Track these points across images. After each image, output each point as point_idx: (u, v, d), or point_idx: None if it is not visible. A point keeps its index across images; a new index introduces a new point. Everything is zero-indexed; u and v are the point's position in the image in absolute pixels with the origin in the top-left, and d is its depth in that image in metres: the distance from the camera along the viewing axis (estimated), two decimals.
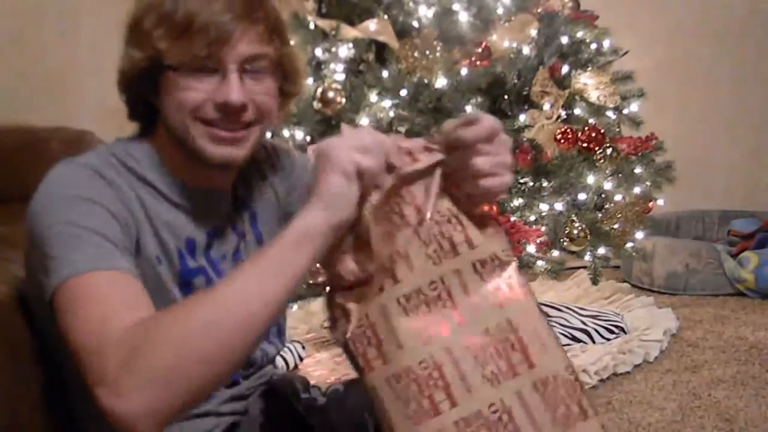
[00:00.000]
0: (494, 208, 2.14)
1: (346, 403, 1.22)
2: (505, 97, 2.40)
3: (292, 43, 1.03)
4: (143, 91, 0.98)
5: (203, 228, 1.05)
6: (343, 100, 2.10)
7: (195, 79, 0.93)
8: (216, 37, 0.91)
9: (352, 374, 0.87)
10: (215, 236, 1.07)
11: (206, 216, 1.05)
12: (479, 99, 2.22)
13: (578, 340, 2.59)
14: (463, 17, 2.32)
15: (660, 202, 2.63)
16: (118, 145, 1.03)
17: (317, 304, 2.61)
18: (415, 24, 2.28)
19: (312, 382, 1.27)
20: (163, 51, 0.92)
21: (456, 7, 2.32)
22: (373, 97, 2.14)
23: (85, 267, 0.85)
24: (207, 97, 0.94)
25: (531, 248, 2.15)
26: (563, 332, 2.62)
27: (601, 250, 2.42)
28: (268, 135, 2.23)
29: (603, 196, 2.44)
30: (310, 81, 2.21)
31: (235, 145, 0.97)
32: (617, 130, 2.61)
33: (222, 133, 0.95)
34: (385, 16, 2.27)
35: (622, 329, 2.70)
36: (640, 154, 2.50)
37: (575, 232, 2.26)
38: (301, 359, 2.49)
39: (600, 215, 2.43)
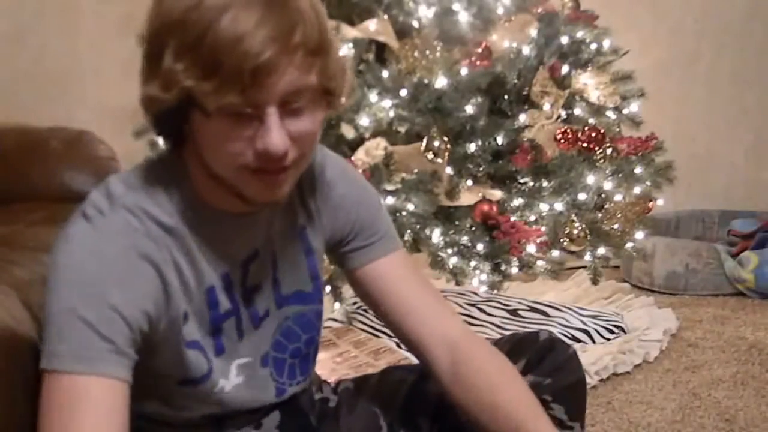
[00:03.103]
0: (494, 208, 2.14)
1: (357, 403, 1.22)
2: (505, 97, 2.39)
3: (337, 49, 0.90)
4: (171, 120, 0.89)
5: (239, 255, 1.01)
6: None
7: (229, 125, 0.83)
8: (251, 81, 0.79)
9: (354, 374, 0.87)
10: (251, 262, 1.02)
11: (242, 241, 1.01)
12: (479, 99, 2.21)
13: (578, 340, 2.59)
14: (463, 17, 2.32)
15: (660, 201, 2.63)
16: (144, 184, 0.93)
17: None
18: (415, 24, 2.28)
19: None
20: (190, 89, 0.80)
21: (456, 7, 2.31)
22: (373, 97, 2.14)
23: (67, 365, 0.85)
24: (245, 145, 0.84)
25: (531, 248, 2.15)
26: (563, 332, 2.62)
27: (601, 250, 2.41)
28: None
29: (603, 196, 2.44)
30: None
31: (279, 186, 0.90)
32: (617, 130, 2.61)
33: (265, 179, 0.88)
34: (385, 16, 2.27)
35: (622, 329, 2.70)
36: (640, 154, 2.50)
37: (575, 232, 2.26)
38: None
39: (600, 215, 2.43)
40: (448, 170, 2.18)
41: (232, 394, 1.03)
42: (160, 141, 2.07)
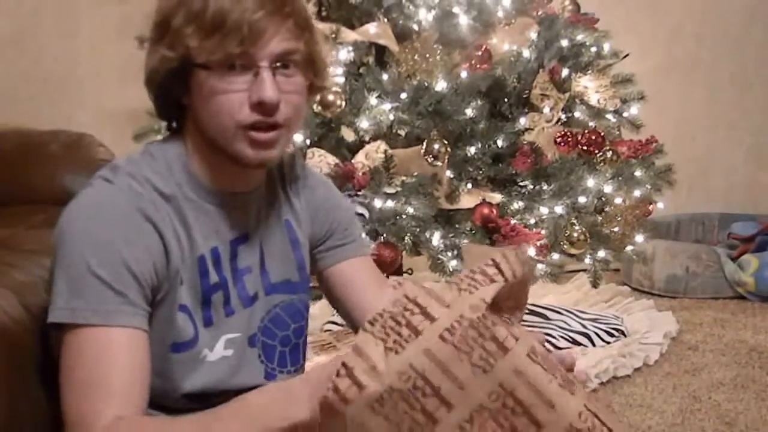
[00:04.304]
0: (494, 211, 2.14)
1: None
2: (505, 100, 2.40)
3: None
4: (173, 90, 0.98)
5: (228, 235, 1.05)
6: (343, 103, 2.10)
7: (227, 78, 0.92)
8: (249, 35, 0.90)
9: None
10: (240, 245, 1.06)
11: (232, 222, 1.05)
12: (479, 102, 2.22)
13: (578, 343, 2.59)
14: (463, 20, 2.32)
15: (660, 205, 2.63)
16: (147, 157, 1.02)
17: (317, 307, 2.61)
18: (415, 27, 2.28)
19: None
20: (194, 49, 0.91)
21: (456, 10, 2.32)
22: (373, 100, 2.14)
23: (87, 319, 0.89)
24: (242, 98, 0.93)
25: (531, 251, 2.14)
26: (563, 335, 2.61)
27: (601, 253, 2.41)
28: None
29: (603, 199, 2.44)
30: None
31: (271, 146, 0.97)
32: (617, 133, 2.61)
33: (261, 136, 0.95)
34: (385, 20, 2.28)
35: (622, 332, 2.70)
36: (640, 156, 2.51)
37: (575, 235, 2.26)
38: None
39: (600, 218, 2.43)
40: (448, 173, 2.18)
41: (218, 366, 1.05)
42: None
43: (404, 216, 2.06)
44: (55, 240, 0.94)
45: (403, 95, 2.16)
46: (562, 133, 2.34)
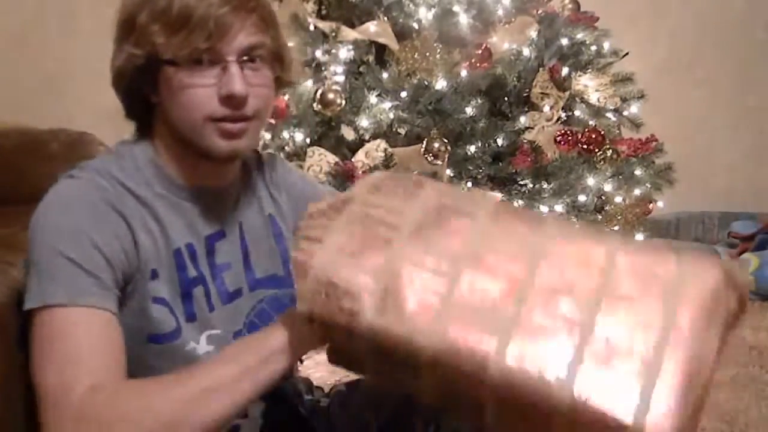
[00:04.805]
0: None
1: (350, 404, 1.22)
2: (505, 98, 2.40)
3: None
4: (141, 88, 0.98)
5: (204, 231, 1.04)
6: (343, 102, 2.10)
7: (195, 74, 0.93)
8: (215, 30, 0.91)
9: (354, 376, 0.87)
10: (217, 241, 1.06)
11: (207, 218, 1.04)
12: (479, 101, 2.22)
13: None
14: (463, 19, 2.32)
15: (660, 203, 2.63)
16: (115, 157, 1.03)
17: None
18: (415, 26, 2.28)
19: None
20: (160, 46, 0.92)
21: (456, 8, 2.32)
22: (373, 98, 2.14)
23: (58, 299, 0.88)
24: (211, 93, 0.94)
25: None
26: None
27: None
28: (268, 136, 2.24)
29: (603, 197, 2.44)
30: (309, 83, 2.21)
31: (240, 137, 0.98)
32: (617, 131, 2.61)
33: (231, 126, 0.96)
34: (385, 18, 2.28)
35: None
36: (640, 155, 2.51)
37: None
38: (301, 361, 2.48)
39: (600, 217, 2.43)
40: (448, 172, 2.18)
41: (204, 360, 1.03)
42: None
43: None
44: (29, 232, 0.94)
45: (403, 94, 2.16)
46: (562, 131, 2.34)
